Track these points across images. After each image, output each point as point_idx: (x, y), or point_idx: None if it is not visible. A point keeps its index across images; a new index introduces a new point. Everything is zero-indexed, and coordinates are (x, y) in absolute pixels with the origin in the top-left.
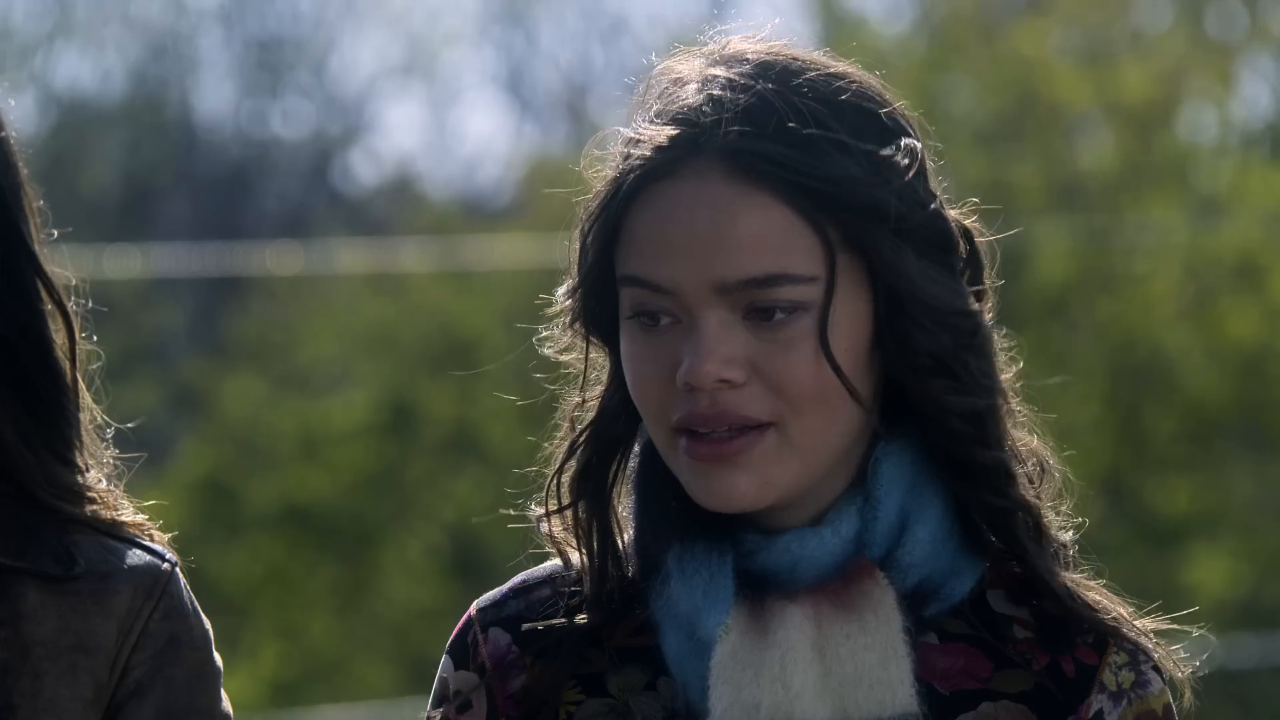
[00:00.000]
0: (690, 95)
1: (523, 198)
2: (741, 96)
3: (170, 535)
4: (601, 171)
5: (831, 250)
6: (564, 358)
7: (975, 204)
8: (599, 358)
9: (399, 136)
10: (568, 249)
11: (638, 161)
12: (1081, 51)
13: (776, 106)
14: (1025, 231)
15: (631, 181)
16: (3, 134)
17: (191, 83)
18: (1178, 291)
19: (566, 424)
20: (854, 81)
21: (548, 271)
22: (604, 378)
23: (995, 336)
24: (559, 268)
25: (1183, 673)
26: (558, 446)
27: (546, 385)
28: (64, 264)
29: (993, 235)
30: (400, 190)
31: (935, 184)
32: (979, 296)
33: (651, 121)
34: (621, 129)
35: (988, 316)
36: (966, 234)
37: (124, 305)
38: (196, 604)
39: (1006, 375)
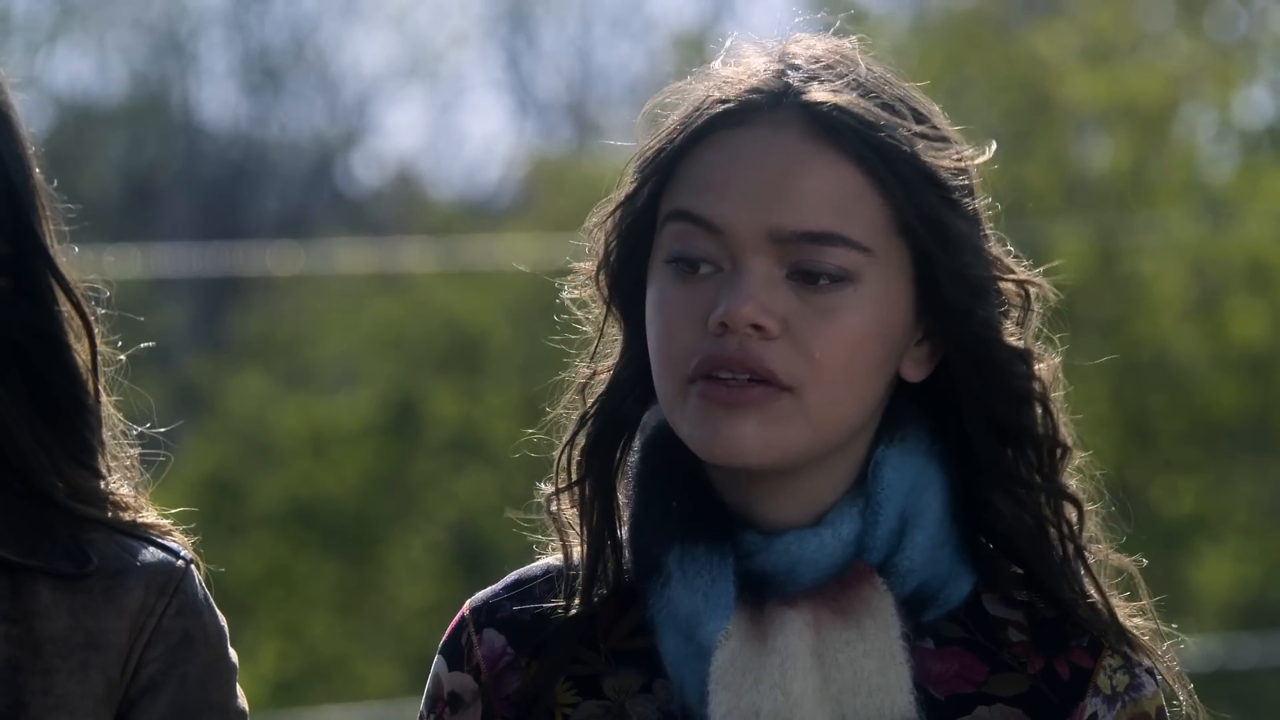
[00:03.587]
0: (768, 64)
1: (525, 198)
2: (820, 69)
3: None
4: (621, 166)
5: (890, 222)
6: (569, 347)
7: (995, 206)
8: (612, 330)
9: (401, 137)
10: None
11: (715, 105)
12: (1090, 52)
13: (853, 81)
14: (1035, 231)
15: (703, 123)
16: (18, 135)
17: (193, 82)
18: (1185, 292)
19: (576, 394)
20: (904, 84)
21: (550, 272)
22: (616, 351)
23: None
24: (562, 268)
25: (1171, 668)
26: (564, 416)
27: (551, 380)
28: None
29: (1004, 237)
30: (402, 191)
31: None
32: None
33: (725, 82)
34: (694, 79)
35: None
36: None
37: (124, 306)
38: (211, 601)
39: (1041, 366)
